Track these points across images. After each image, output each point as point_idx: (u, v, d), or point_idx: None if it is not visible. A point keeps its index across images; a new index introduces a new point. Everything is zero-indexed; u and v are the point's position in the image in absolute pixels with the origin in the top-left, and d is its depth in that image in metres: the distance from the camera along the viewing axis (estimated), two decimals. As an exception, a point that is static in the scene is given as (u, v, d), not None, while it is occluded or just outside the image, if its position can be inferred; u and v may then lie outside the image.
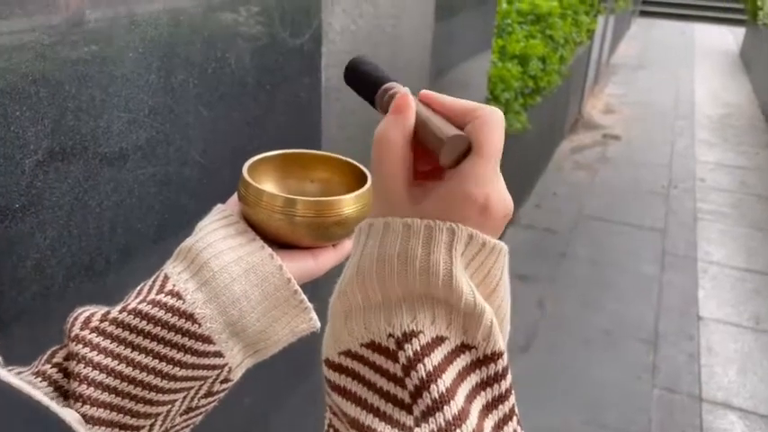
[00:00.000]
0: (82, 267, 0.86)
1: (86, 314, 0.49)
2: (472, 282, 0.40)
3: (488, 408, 0.38)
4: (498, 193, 0.40)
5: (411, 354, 0.38)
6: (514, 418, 0.39)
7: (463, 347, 0.39)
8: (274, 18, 1.18)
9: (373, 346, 0.40)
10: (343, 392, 0.41)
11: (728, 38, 12.13)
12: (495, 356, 0.39)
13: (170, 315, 0.49)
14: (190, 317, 0.49)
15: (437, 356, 0.38)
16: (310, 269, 0.56)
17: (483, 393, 0.38)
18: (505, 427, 0.38)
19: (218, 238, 0.53)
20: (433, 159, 0.42)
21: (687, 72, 8.88)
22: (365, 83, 0.50)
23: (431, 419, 0.35)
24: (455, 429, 0.35)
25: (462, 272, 0.40)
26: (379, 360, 0.39)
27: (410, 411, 0.37)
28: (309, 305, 0.55)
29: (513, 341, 2.89)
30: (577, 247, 3.82)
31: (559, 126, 5.35)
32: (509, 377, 0.40)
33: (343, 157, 0.64)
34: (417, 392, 0.37)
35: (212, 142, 1.06)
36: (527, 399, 2.71)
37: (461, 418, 0.36)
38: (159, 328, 0.48)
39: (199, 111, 1.02)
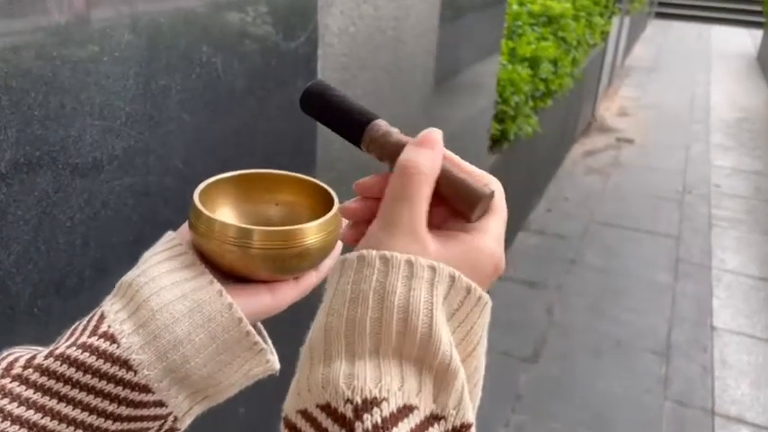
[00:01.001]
0: (51, 284, 0.81)
1: (10, 359, 0.43)
2: (453, 338, 0.37)
3: None
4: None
5: (370, 427, 0.32)
6: None
7: (432, 419, 0.34)
8: (266, 19, 1.13)
9: (329, 409, 0.35)
10: None
11: (746, 40, 11.97)
12: (464, 429, 0.34)
13: (102, 361, 0.43)
14: (124, 363, 0.43)
15: (401, 431, 0.33)
16: (267, 306, 0.50)
17: None
18: None
19: (161, 272, 0.47)
20: (442, 209, 0.43)
21: (703, 75, 8.75)
22: (340, 112, 0.46)
23: None
24: None
25: (443, 318, 0.36)
26: (333, 428, 0.34)
27: None
28: (265, 346, 0.49)
29: (520, 349, 2.83)
30: (588, 253, 3.75)
31: (571, 129, 5.28)
32: None
33: (309, 178, 0.58)
34: None
35: (196, 151, 1.01)
36: (534, 411, 2.66)
37: None
38: (89, 376, 0.42)
39: (182, 118, 0.97)
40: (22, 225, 0.76)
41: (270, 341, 0.53)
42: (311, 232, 0.49)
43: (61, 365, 0.42)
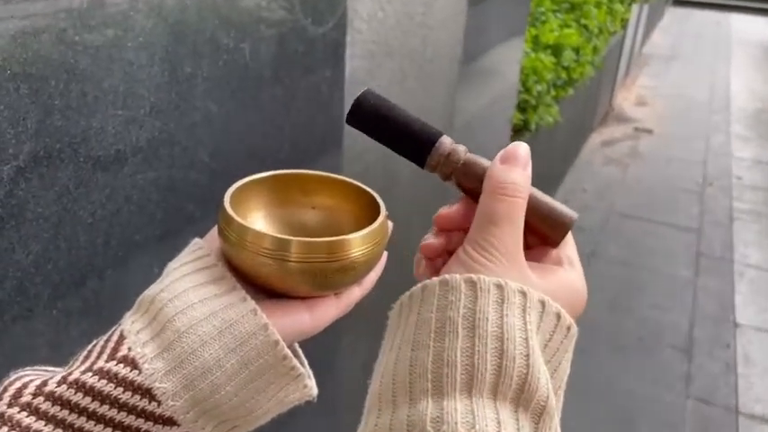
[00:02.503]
0: (71, 285, 0.76)
1: (18, 384, 0.38)
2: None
3: None
4: None
5: None
6: None
7: None
8: (294, 3, 1.07)
9: None
10: None
11: (766, 29, 11.77)
12: None
13: (121, 390, 0.38)
14: (146, 392, 0.38)
15: None
16: (305, 325, 0.44)
17: None
18: None
19: (188, 287, 0.42)
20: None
21: (723, 64, 8.61)
22: (399, 130, 0.43)
23: None
24: None
25: (539, 349, 0.32)
26: None
27: None
28: (303, 371, 0.43)
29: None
30: (608, 246, 3.68)
31: (589, 118, 5.19)
32: None
33: (349, 180, 0.52)
34: None
35: (223, 142, 0.95)
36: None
37: None
38: (107, 406, 0.37)
39: (208, 108, 0.91)
40: (41, 222, 0.71)
41: (307, 364, 0.48)
42: (356, 244, 0.43)
43: (75, 393, 0.37)
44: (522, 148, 0.38)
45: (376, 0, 1.35)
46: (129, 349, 0.39)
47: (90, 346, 0.41)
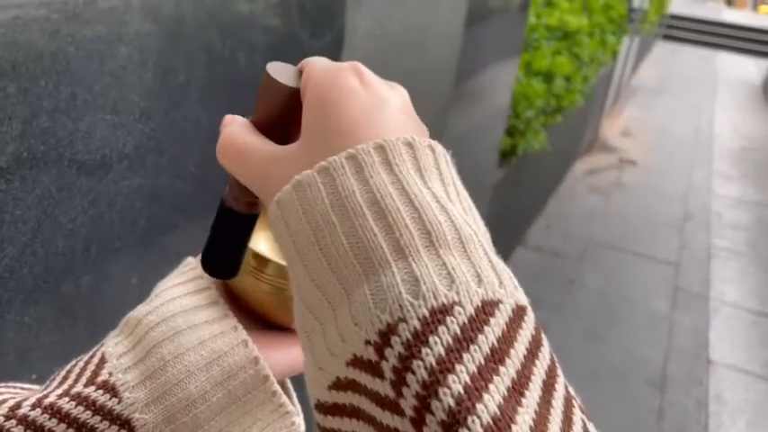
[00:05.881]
0: (46, 291, 0.74)
1: None
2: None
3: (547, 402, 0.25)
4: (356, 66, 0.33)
5: (395, 361, 0.24)
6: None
7: (488, 306, 0.26)
8: (293, 14, 1.06)
9: (356, 362, 0.26)
10: None
11: (751, 69, 11.98)
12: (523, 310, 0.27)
13: (98, 419, 0.35)
14: (125, 423, 0.36)
15: (437, 345, 0.24)
16: (298, 361, 0.42)
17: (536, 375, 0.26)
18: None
19: (177, 311, 0.39)
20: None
21: (708, 101, 8.74)
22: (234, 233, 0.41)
23: None
24: None
25: (421, 183, 0.29)
26: (367, 381, 0.26)
27: None
28: (292, 408, 0.41)
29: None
30: (586, 274, 3.69)
31: (575, 146, 5.23)
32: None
33: None
34: (419, 416, 0.23)
35: (212, 153, 0.93)
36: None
37: (499, 427, 0.22)
38: None
39: (199, 116, 0.89)
40: (20, 225, 0.68)
41: (296, 398, 0.46)
42: None
43: (50, 419, 0.35)
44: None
45: (375, 18, 1.34)
46: (110, 374, 0.37)
47: (69, 366, 0.39)
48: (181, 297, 0.41)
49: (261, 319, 0.43)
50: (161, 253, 0.87)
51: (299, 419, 0.43)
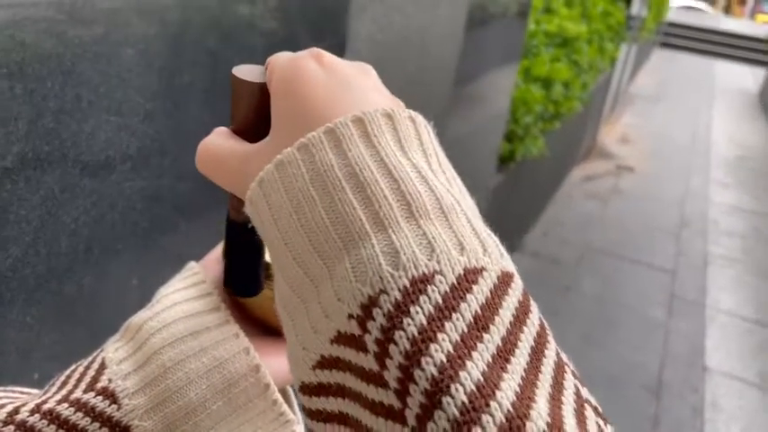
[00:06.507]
0: (48, 292, 0.74)
1: None
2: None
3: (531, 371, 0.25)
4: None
5: (378, 333, 0.24)
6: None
7: (471, 274, 0.25)
8: (295, 19, 1.06)
9: (340, 338, 0.26)
10: (331, 419, 0.27)
11: (747, 77, 12.02)
12: (510, 277, 0.27)
13: (97, 425, 0.35)
14: (124, 430, 0.35)
15: (419, 315, 0.24)
16: None
17: (520, 347, 0.25)
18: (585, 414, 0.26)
19: (178, 317, 0.39)
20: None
21: (705, 109, 8.77)
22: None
23: (431, 425, 0.22)
24: (479, 416, 0.22)
25: (401, 155, 0.28)
26: (352, 356, 0.25)
27: (404, 422, 0.23)
28: (292, 417, 0.41)
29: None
30: (583, 280, 3.70)
31: (573, 153, 5.24)
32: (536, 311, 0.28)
33: None
34: (403, 387, 0.23)
35: (214, 155, 0.94)
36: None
37: (483, 394, 0.22)
38: None
39: (203, 118, 0.90)
40: (23, 226, 0.69)
41: (297, 407, 0.46)
42: None
43: (48, 425, 0.35)
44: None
45: (376, 22, 1.35)
46: (110, 380, 0.37)
47: (69, 371, 0.39)
48: (182, 303, 0.41)
49: (262, 326, 0.43)
50: (162, 254, 0.87)
51: (300, 428, 0.43)
